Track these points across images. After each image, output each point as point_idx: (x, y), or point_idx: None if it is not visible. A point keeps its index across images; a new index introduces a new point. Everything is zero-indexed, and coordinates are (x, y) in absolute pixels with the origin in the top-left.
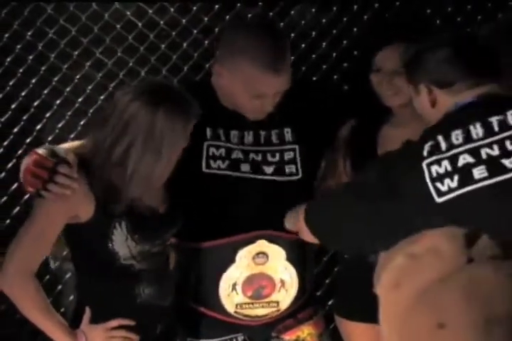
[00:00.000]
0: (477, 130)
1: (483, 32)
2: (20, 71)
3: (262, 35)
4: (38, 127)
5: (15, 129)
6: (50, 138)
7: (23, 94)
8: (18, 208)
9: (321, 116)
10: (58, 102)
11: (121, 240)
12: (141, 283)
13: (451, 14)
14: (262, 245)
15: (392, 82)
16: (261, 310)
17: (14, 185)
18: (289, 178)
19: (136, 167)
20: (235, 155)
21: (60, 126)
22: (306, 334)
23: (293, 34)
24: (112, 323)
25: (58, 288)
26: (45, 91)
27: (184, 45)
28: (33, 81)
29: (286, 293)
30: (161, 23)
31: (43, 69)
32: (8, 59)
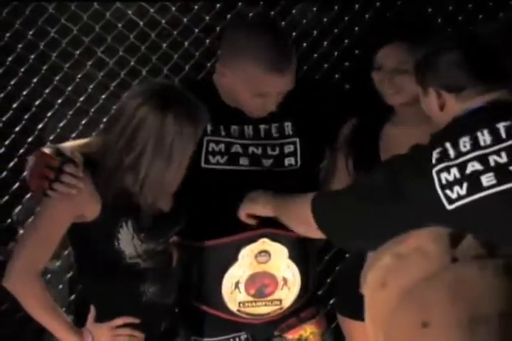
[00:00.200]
0: (485, 137)
1: (484, 30)
2: (22, 70)
3: (264, 35)
4: (40, 126)
5: (16, 128)
6: (51, 138)
7: (25, 93)
8: (19, 207)
9: (321, 113)
10: (60, 101)
11: (128, 239)
12: (145, 281)
13: (452, 13)
14: (265, 243)
15: (393, 80)
16: (264, 309)
17: (16, 185)
18: (288, 169)
19: (148, 172)
20: (235, 149)
21: (61, 125)
22: (308, 333)
23: (294, 33)
24: (117, 321)
25: None
26: (46, 91)
27: (185, 44)
28: (34, 80)
29: (289, 291)
30: (163, 22)
31: (45, 68)
32: (9, 58)
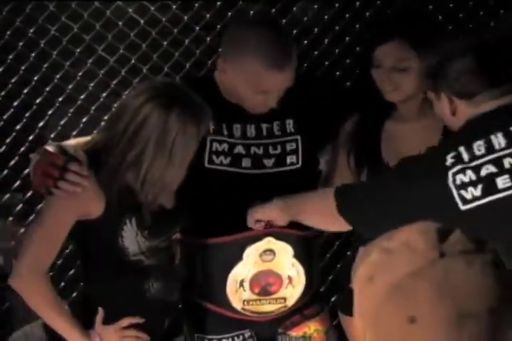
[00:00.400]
0: (499, 139)
1: (493, 35)
2: (23, 68)
3: (265, 32)
4: (41, 124)
5: (17, 126)
6: (52, 136)
7: (25, 91)
8: (21, 205)
9: (323, 110)
10: (60, 99)
11: (132, 236)
12: (149, 278)
13: (453, 11)
14: (270, 242)
15: (391, 78)
16: (268, 307)
17: (17, 183)
18: (289, 168)
19: (148, 169)
20: (237, 150)
21: (62, 123)
22: (312, 330)
23: (295, 30)
24: (124, 322)
25: None
26: (47, 89)
27: (186, 42)
28: (35, 78)
29: (294, 290)
30: (163, 20)
31: (45, 66)
32: (10, 56)
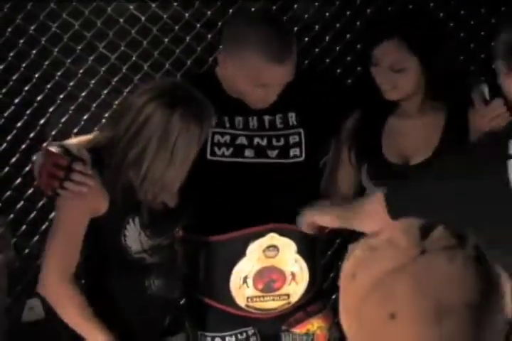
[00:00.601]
0: None
1: None
2: (23, 65)
3: (265, 26)
4: (42, 121)
5: (18, 124)
6: (53, 133)
7: (26, 88)
8: (22, 203)
9: (324, 105)
10: (61, 97)
11: (134, 235)
12: (151, 276)
13: (454, 8)
14: (273, 238)
15: (389, 77)
16: (272, 303)
17: (18, 180)
18: (293, 160)
19: (149, 168)
20: (240, 141)
21: (63, 120)
22: (316, 327)
23: (296, 28)
24: None
25: None
26: (48, 86)
27: (187, 39)
28: (36, 75)
29: (297, 286)
30: (164, 17)
31: (46, 63)
32: (11, 53)
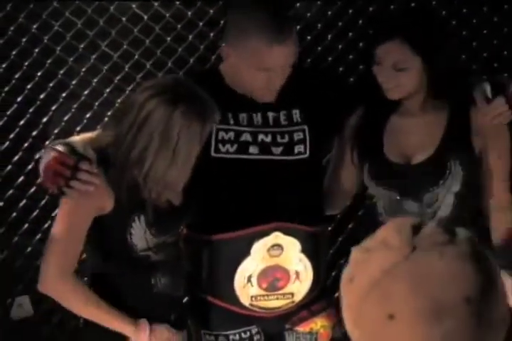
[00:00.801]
0: None
1: None
2: (26, 64)
3: (264, 9)
4: (44, 120)
5: (21, 122)
6: (56, 131)
7: (29, 87)
8: (24, 201)
9: (328, 102)
10: (64, 95)
11: (140, 233)
12: (156, 273)
13: (457, 6)
14: (278, 237)
15: (391, 76)
16: (276, 302)
17: (20, 178)
18: (297, 157)
19: (151, 166)
20: (244, 137)
21: (65, 118)
22: (319, 326)
23: (299, 26)
24: None
25: None
26: (50, 84)
27: (190, 37)
28: (38, 74)
29: (301, 285)
30: (167, 15)
31: (49, 62)
32: (13, 52)
